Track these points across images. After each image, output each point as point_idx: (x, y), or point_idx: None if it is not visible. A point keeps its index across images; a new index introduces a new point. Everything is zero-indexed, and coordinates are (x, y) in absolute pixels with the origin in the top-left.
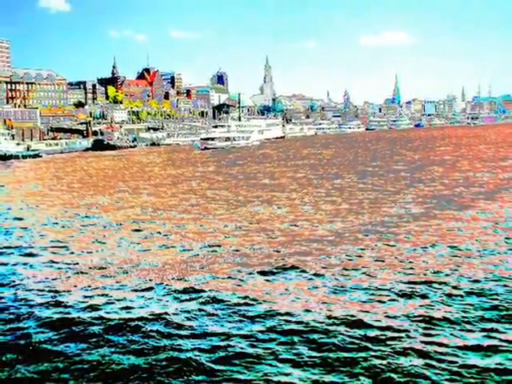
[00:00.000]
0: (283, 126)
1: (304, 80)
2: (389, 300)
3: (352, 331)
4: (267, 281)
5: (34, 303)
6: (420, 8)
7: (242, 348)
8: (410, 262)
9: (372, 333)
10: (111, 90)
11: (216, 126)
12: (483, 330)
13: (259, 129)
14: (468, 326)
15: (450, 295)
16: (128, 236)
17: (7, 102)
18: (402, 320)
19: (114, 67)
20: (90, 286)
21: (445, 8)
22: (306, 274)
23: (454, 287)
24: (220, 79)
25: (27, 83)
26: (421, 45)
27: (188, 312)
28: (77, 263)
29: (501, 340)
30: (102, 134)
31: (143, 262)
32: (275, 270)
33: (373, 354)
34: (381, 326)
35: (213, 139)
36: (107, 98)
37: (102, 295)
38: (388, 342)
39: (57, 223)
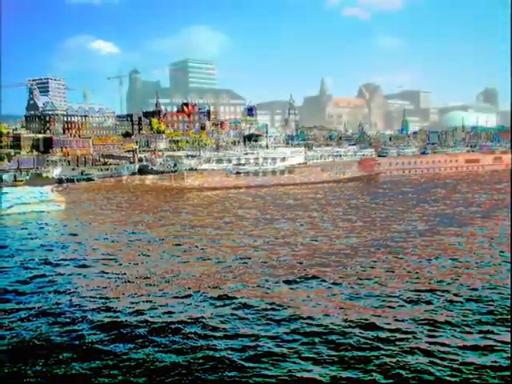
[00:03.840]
0: (305, 153)
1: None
2: (398, 305)
3: (365, 333)
4: (291, 289)
5: (87, 308)
6: (424, 56)
7: (269, 347)
8: (416, 273)
9: (383, 334)
10: (154, 121)
11: (247, 153)
12: (480, 331)
13: (284, 156)
14: (467, 329)
15: (451, 301)
16: (169, 249)
17: (64, 133)
18: (409, 323)
19: (157, 101)
20: (136, 294)
21: (446, 55)
22: (326, 282)
23: (455, 294)
24: (250, 112)
25: (81, 116)
26: (425, 84)
27: (222, 316)
28: (124, 273)
29: (495, 341)
30: (146, 160)
31: (183, 273)
32: (298, 280)
33: (384, 352)
34: (391, 328)
35: (244, 165)
36: (151, 128)
37: (147, 301)
38: (397, 343)
39: (107, 238)
